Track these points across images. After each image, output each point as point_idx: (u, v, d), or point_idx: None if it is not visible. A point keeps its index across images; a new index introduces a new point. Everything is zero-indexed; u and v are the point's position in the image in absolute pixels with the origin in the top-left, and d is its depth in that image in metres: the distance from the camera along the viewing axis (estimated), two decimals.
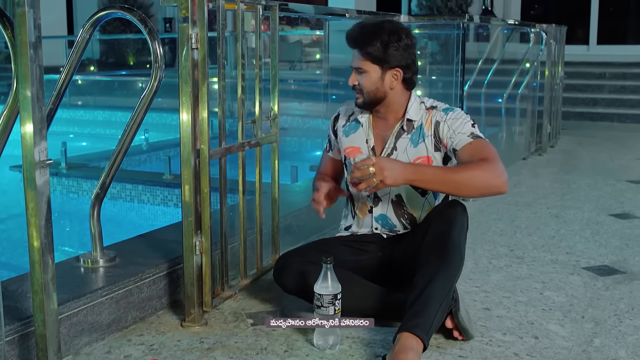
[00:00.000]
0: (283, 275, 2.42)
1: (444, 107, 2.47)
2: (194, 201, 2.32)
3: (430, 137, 2.43)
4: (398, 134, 2.47)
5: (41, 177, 1.73)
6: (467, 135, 2.36)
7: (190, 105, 2.26)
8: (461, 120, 2.40)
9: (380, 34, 2.35)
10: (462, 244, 2.27)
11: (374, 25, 2.39)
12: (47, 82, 1.78)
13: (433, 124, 2.44)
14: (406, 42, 2.39)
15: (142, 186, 4.84)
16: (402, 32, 2.39)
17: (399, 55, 2.38)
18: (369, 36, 2.36)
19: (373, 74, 2.40)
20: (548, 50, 6.65)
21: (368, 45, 2.36)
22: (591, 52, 11.29)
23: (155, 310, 2.50)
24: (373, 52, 2.36)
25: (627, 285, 2.85)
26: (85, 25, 2.42)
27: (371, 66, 2.39)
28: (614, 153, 6.55)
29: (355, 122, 2.58)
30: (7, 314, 1.97)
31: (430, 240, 2.24)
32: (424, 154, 2.44)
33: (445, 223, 2.27)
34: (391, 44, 2.35)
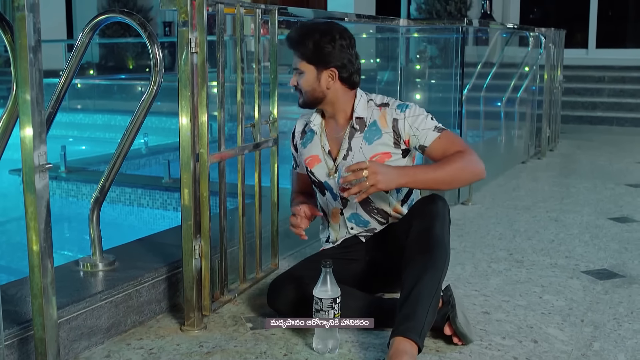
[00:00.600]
0: (277, 302, 2.42)
1: (398, 104, 2.49)
2: (194, 205, 2.32)
3: (390, 135, 2.45)
4: (351, 134, 2.50)
5: (40, 180, 1.73)
6: (433, 130, 2.41)
7: (190, 109, 2.26)
8: (422, 117, 2.43)
9: (313, 35, 2.40)
10: (446, 238, 2.26)
11: (309, 27, 2.46)
12: (47, 86, 1.78)
13: (389, 121, 2.46)
14: (340, 42, 2.41)
15: (142, 190, 4.84)
16: (335, 32, 2.42)
17: (333, 56, 2.41)
18: (303, 37, 2.41)
19: (309, 74, 2.44)
20: (547, 53, 6.66)
21: (301, 46, 2.41)
22: (590, 55, 11.30)
23: (155, 314, 2.49)
24: (306, 53, 2.41)
25: (626, 289, 2.85)
26: (84, 29, 2.42)
27: (307, 66, 2.44)
28: (613, 157, 6.56)
29: (310, 132, 2.61)
30: (6, 317, 1.97)
31: (413, 238, 2.24)
32: (381, 151, 2.45)
33: (427, 218, 2.27)
34: (324, 44, 2.39)
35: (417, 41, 7.02)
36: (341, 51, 2.42)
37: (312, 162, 2.58)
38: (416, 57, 7.24)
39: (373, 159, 2.41)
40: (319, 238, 2.98)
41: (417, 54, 7.32)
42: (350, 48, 2.44)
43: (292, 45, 2.45)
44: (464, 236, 3.65)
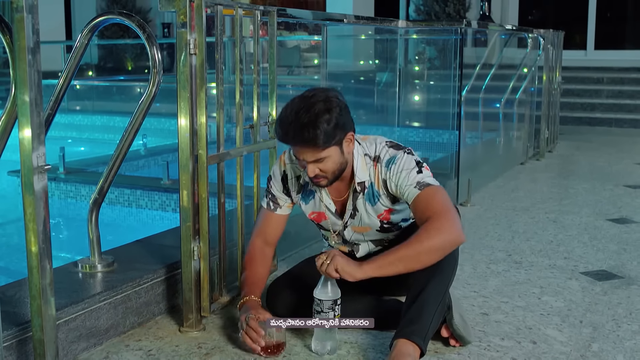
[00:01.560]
0: (276, 305, 2.41)
1: (387, 160, 2.30)
2: (192, 206, 2.32)
3: (385, 195, 2.34)
4: (354, 197, 2.37)
5: (39, 182, 1.73)
6: (414, 187, 2.23)
7: (189, 110, 2.26)
8: (404, 172, 2.25)
9: (321, 119, 2.13)
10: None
11: (309, 115, 2.13)
12: (46, 87, 1.78)
13: (381, 182, 2.32)
14: (340, 105, 2.19)
15: (141, 191, 4.83)
16: (333, 100, 2.18)
17: (344, 121, 2.19)
18: (313, 128, 2.12)
19: (334, 155, 2.21)
20: (546, 55, 6.66)
21: (318, 138, 2.13)
22: (589, 57, 11.31)
23: (153, 315, 2.49)
24: (328, 139, 2.15)
25: (624, 290, 2.85)
26: (83, 31, 2.43)
27: (330, 150, 2.19)
28: (611, 158, 6.56)
29: (308, 190, 2.45)
30: (5, 319, 1.97)
31: None
32: (384, 209, 2.37)
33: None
34: (335, 119, 2.15)
35: (415, 42, 7.04)
36: (346, 113, 2.22)
37: (318, 217, 2.47)
38: (415, 58, 7.26)
39: (379, 218, 2.37)
40: (318, 238, 2.99)
41: (416, 55, 7.33)
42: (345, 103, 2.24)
43: (306, 142, 2.15)
44: None
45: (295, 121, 2.13)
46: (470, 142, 5.44)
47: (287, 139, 2.18)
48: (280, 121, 2.18)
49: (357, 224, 2.42)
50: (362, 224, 2.41)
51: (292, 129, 2.14)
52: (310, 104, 2.14)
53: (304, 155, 2.19)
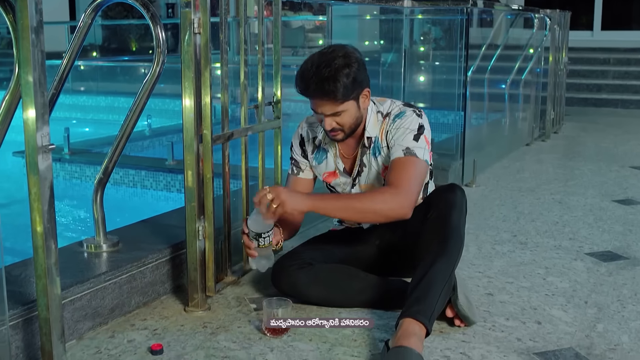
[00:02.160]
0: (281, 283, 2.42)
1: (396, 113, 2.37)
2: (197, 186, 2.32)
3: (386, 148, 2.38)
4: (362, 152, 2.43)
5: (44, 161, 1.73)
6: (402, 149, 2.28)
7: (193, 90, 2.25)
8: (402, 130, 2.31)
9: (341, 73, 2.21)
10: (461, 227, 2.27)
11: (330, 69, 2.21)
12: (50, 68, 1.77)
13: (385, 133, 2.38)
14: (359, 61, 2.27)
15: (145, 172, 4.84)
16: (352, 56, 2.25)
17: (362, 77, 2.27)
18: (333, 82, 2.20)
19: (352, 109, 2.29)
20: (552, 35, 6.62)
21: (338, 91, 2.21)
22: (595, 37, 11.23)
23: (159, 295, 2.50)
24: (346, 93, 2.23)
25: (630, 271, 2.85)
26: (87, 10, 2.41)
27: (347, 104, 2.27)
28: (617, 139, 6.54)
29: (321, 150, 2.51)
30: (10, 298, 1.98)
31: (429, 225, 2.24)
32: (386, 165, 2.40)
33: (445, 207, 2.26)
34: (353, 74, 2.22)
35: (421, 23, 6.98)
36: (364, 69, 2.28)
37: (329, 177, 2.53)
38: (420, 38, 7.21)
39: (383, 175, 2.41)
40: (324, 219, 2.99)
41: (421, 35, 7.29)
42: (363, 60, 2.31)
43: (325, 94, 2.22)
44: (468, 218, 3.61)
45: (316, 74, 2.21)
46: (475, 123, 5.42)
47: (307, 92, 2.26)
48: (301, 75, 2.25)
49: (364, 181, 2.46)
50: (369, 180, 2.45)
51: (313, 82, 2.22)
52: (331, 59, 2.23)
53: (323, 108, 2.27)
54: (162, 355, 2.08)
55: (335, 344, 2.14)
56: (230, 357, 2.07)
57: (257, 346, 2.14)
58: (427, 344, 2.10)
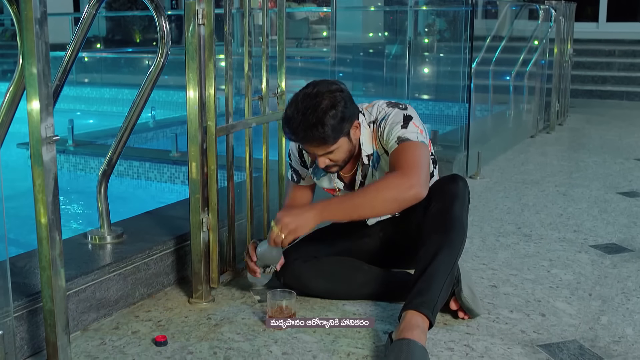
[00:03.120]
0: (285, 276, 2.41)
1: (382, 117, 2.32)
2: (201, 178, 2.32)
3: (384, 154, 2.34)
4: (364, 170, 2.39)
5: (48, 153, 1.73)
6: (395, 142, 2.25)
7: (197, 82, 2.25)
8: (389, 126, 2.27)
9: (327, 115, 2.14)
10: (464, 218, 2.25)
11: (315, 114, 2.14)
12: (54, 60, 1.77)
13: (378, 142, 2.34)
14: (345, 98, 2.20)
15: (149, 163, 4.85)
16: (336, 94, 2.19)
17: (350, 113, 2.21)
18: (321, 126, 2.14)
19: (344, 145, 2.24)
20: (557, 27, 6.60)
21: (327, 136, 2.16)
22: (600, 29, 11.19)
23: (163, 286, 2.50)
24: (336, 134, 2.18)
25: (634, 264, 2.84)
26: (91, 1, 2.41)
27: (339, 142, 2.22)
28: (622, 131, 6.52)
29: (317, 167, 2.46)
30: (15, 290, 1.98)
31: (432, 216, 2.23)
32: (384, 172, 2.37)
33: (447, 198, 2.25)
34: (340, 113, 2.17)
35: (425, 14, 6.97)
36: (350, 103, 2.23)
37: (329, 192, 2.52)
38: (425, 30, 7.19)
39: None
40: None
41: (426, 27, 7.27)
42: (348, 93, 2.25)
43: (314, 142, 2.18)
44: (472, 210, 3.63)
45: (303, 122, 2.14)
46: (480, 115, 5.41)
47: (296, 138, 2.21)
48: (287, 121, 2.19)
49: None
50: None
51: (300, 130, 2.16)
52: (316, 103, 2.15)
53: (315, 150, 2.24)
54: (166, 346, 2.08)
55: (339, 336, 2.15)
56: (234, 348, 2.07)
57: (261, 338, 2.14)
58: (430, 336, 2.10)
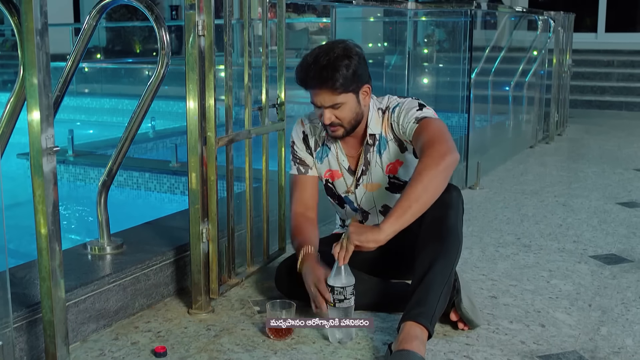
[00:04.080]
0: (285, 285, 2.42)
1: (394, 105, 2.40)
2: (201, 189, 2.32)
3: (393, 141, 2.41)
4: (366, 150, 2.44)
5: (48, 164, 1.73)
6: (413, 122, 2.30)
7: (197, 92, 2.25)
8: (405, 111, 2.33)
9: (340, 63, 2.23)
10: (459, 228, 2.25)
11: (328, 57, 2.24)
12: (54, 70, 1.78)
13: (388, 126, 2.40)
14: (360, 55, 2.29)
15: (149, 174, 4.85)
16: (352, 49, 2.28)
17: (362, 71, 2.30)
18: (332, 70, 2.22)
19: (351, 102, 2.31)
20: (556, 37, 6.62)
21: (336, 80, 2.23)
22: (599, 40, 11.23)
23: (162, 297, 2.50)
24: (345, 83, 2.25)
25: (634, 274, 2.84)
26: (91, 12, 2.42)
27: (346, 96, 2.28)
28: (621, 141, 6.53)
29: (324, 146, 2.52)
30: (15, 300, 1.98)
31: (427, 227, 2.23)
32: (393, 160, 2.43)
33: (441, 208, 2.25)
34: (353, 66, 2.25)
35: (425, 25, 6.98)
36: (364, 64, 2.31)
37: (332, 175, 2.53)
38: (424, 40, 7.21)
39: (387, 173, 2.42)
40: (327, 220, 2.99)
41: (425, 37, 7.28)
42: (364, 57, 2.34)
43: (322, 83, 2.24)
44: (472, 220, 3.65)
45: (315, 63, 2.24)
46: (479, 125, 5.42)
47: (306, 80, 2.29)
48: (301, 65, 2.29)
49: (368, 180, 2.47)
50: (373, 179, 2.46)
51: (312, 70, 2.25)
52: (330, 49, 2.27)
53: (322, 99, 2.28)
54: (165, 357, 2.08)
55: (338, 347, 2.14)
56: (234, 359, 2.07)
57: (261, 349, 2.14)
58: (430, 347, 2.10)
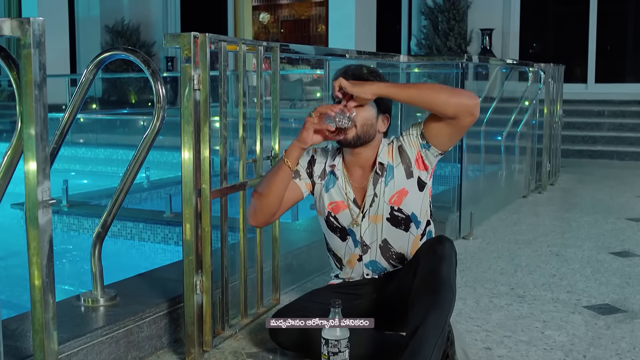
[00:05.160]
0: (280, 334, 2.40)
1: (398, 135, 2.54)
2: (195, 240, 2.32)
3: (400, 166, 2.46)
4: (375, 180, 2.47)
5: (44, 216, 1.74)
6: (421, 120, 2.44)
7: (192, 144, 2.28)
8: (409, 129, 2.48)
9: (378, 75, 2.41)
10: (452, 279, 2.26)
11: (370, 69, 2.44)
12: (50, 121, 1.80)
13: (395, 152, 2.48)
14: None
15: (143, 224, 4.84)
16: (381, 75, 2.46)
17: (388, 102, 2.44)
18: (373, 73, 2.41)
19: (371, 113, 2.41)
20: (546, 88, 6.70)
21: (372, 74, 2.40)
22: (589, 90, 11.36)
23: (156, 349, 2.49)
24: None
25: (628, 324, 2.84)
26: (89, 66, 2.46)
27: (372, 106, 2.41)
28: (613, 191, 6.57)
29: (331, 175, 2.53)
30: (7, 353, 1.96)
31: (420, 279, 2.24)
32: (397, 189, 2.46)
33: (434, 260, 2.26)
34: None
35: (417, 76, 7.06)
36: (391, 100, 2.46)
37: (336, 208, 2.52)
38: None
39: (392, 199, 2.45)
40: (321, 271, 2.99)
41: None
42: None
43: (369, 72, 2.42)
44: (465, 271, 3.65)
45: (362, 66, 2.44)
46: (472, 175, 5.45)
47: (348, 69, 2.42)
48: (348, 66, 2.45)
49: (374, 212, 2.48)
50: (378, 211, 2.47)
51: (360, 66, 2.43)
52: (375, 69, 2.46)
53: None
54: None
55: None
56: None
57: None
58: None
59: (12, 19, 1.71)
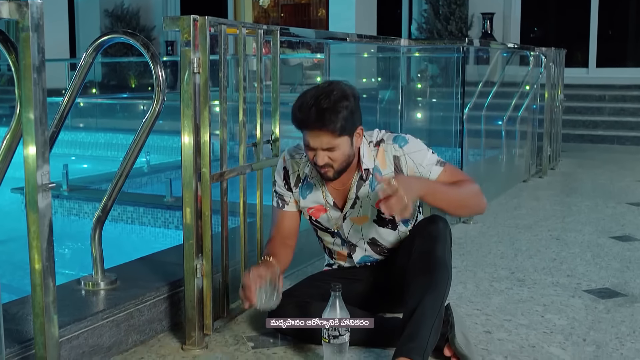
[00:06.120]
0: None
1: (393, 138, 2.40)
2: (195, 224, 2.32)
3: (390, 174, 2.37)
4: (358, 185, 2.42)
5: (43, 200, 1.74)
6: (436, 165, 2.36)
7: (192, 129, 2.27)
8: (423, 152, 2.37)
9: (341, 105, 2.21)
10: (447, 259, 2.25)
11: (329, 99, 2.20)
12: (49, 105, 1.79)
13: (389, 159, 2.38)
14: (355, 96, 2.28)
15: (144, 208, 4.84)
16: (349, 90, 2.27)
17: (357, 114, 2.29)
18: (334, 113, 2.19)
19: (345, 145, 2.27)
20: (547, 73, 6.68)
21: (337, 122, 2.20)
22: (591, 74, 11.33)
23: (156, 333, 2.49)
24: (344, 126, 2.22)
25: (628, 308, 2.84)
26: (88, 50, 2.44)
27: (341, 139, 2.25)
28: (614, 175, 6.56)
29: (307, 183, 2.49)
30: (7, 336, 1.97)
31: (415, 260, 2.24)
32: None
33: (429, 240, 2.26)
34: (351, 107, 2.23)
35: (418, 60, 7.06)
36: (359, 107, 2.30)
37: (316, 212, 2.51)
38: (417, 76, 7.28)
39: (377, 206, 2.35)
40: (320, 256, 2.99)
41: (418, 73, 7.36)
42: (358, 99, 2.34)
43: (325, 125, 2.20)
44: (466, 255, 3.65)
45: (316, 105, 2.19)
46: (472, 160, 5.44)
47: (307, 122, 2.23)
48: (300, 107, 2.23)
49: (356, 214, 2.45)
50: (362, 212, 2.44)
51: (313, 112, 2.19)
52: (329, 91, 2.23)
53: (320, 141, 2.24)
54: None
55: None
56: None
57: None
58: None
59: (10, 1, 1.69)
